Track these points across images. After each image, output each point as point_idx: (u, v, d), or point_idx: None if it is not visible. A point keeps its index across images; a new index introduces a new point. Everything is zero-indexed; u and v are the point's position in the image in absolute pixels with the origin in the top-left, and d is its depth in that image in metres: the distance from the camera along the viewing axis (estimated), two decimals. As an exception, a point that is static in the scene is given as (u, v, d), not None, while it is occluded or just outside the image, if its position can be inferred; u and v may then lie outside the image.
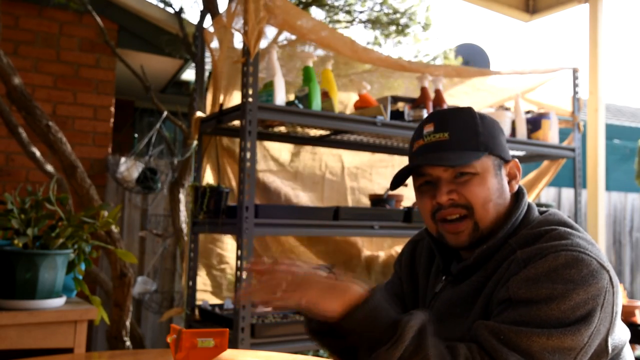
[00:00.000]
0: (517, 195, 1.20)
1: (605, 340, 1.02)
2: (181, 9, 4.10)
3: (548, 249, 1.03)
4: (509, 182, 1.19)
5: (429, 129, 1.17)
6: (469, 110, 1.20)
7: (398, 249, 3.28)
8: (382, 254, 3.24)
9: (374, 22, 5.13)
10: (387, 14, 5.17)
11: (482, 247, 1.13)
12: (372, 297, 0.99)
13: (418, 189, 1.20)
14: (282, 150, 3.03)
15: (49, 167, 2.83)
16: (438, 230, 1.17)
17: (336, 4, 5.09)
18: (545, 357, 0.94)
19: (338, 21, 5.19)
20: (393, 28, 5.19)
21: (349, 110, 2.99)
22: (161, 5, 4.36)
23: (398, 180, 1.20)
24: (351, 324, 0.98)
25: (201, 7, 3.68)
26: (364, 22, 5.15)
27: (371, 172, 3.27)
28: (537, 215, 1.18)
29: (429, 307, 1.21)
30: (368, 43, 5.42)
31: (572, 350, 0.95)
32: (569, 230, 1.08)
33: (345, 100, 3.04)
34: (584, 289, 0.97)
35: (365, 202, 3.18)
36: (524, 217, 1.16)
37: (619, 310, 1.04)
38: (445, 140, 1.14)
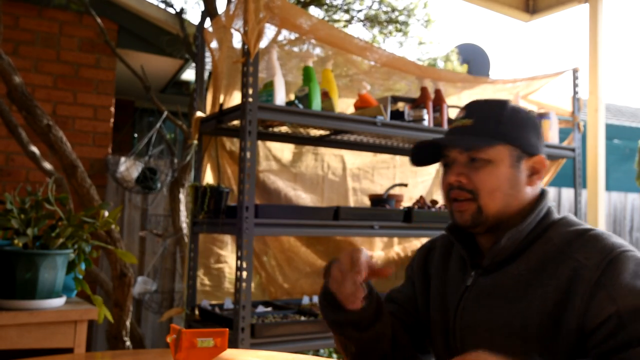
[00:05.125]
0: (541, 192, 1.23)
1: None
2: (182, 10, 4.10)
3: (611, 250, 1.06)
4: (530, 176, 1.21)
5: (460, 115, 1.24)
6: (502, 101, 1.24)
7: (397, 249, 3.28)
8: (382, 254, 3.24)
9: (372, 20, 5.13)
10: (385, 12, 5.17)
11: (511, 232, 1.15)
12: None
13: (443, 171, 1.26)
14: (284, 150, 3.02)
15: (49, 167, 2.83)
16: (450, 210, 1.23)
17: (335, 2, 5.09)
18: None
19: (337, 20, 5.19)
20: (392, 27, 5.19)
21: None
22: (162, 5, 4.37)
23: (421, 158, 1.27)
24: None
25: (202, 8, 3.68)
26: (362, 20, 5.15)
27: (373, 173, 3.27)
28: (557, 215, 1.21)
29: (461, 300, 1.22)
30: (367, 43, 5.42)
31: None
32: (603, 230, 1.14)
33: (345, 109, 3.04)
34: None
35: (367, 203, 3.18)
36: (549, 213, 1.19)
37: None
38: (468, 125, 1.20)
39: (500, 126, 1.18)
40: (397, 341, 1.29)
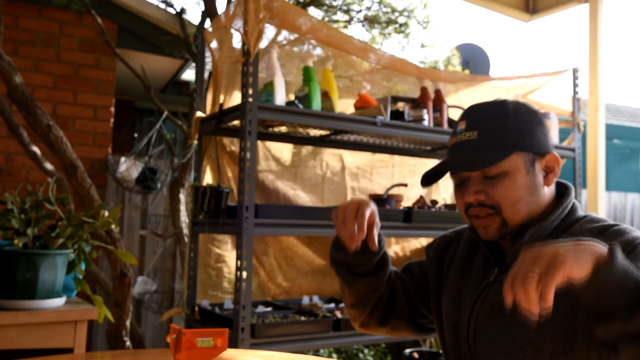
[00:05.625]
0: (564, 187, 1.22)
1: None
2: (182, 10, 4.10)
3: (633, 241, 1.05)
4: (546, 176, 1.19)
5: (461, 126, 1.19)
6: (501, 105, 1.19)
7: (396, 248, 3.28)
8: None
9: (372, 21, 5.13)
10: (385, 13, 5.17)
11: (534, 228, 1.14)
12: (618, 257, 0.90)
13: (455, 187, 1.24)
14: (283, 150, 3.03)
15: (49, 167, 2.83)
16: (473, 227, 1.21)
17: (334, 3, 5.09)
18: None
19: (336, 21, 5.19)
20: (391, 28, 5.19)
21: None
22: (162, 5, 4.37)
23: (430, 178, 1.23)
24: (601, 286, 0.89)
25: (202, 8, 3.68)
26: (361, 21, 5.15)
27: (372, 172, 3.27)
28: (582, 213, 1.20)
29: (480, 294, 1.22)
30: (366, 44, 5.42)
31: None
32: (628, 225, 1.13)
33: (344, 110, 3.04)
34: None
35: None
36: (573, 210, 1.19)
37: None
38: (474, 139, 1.16)
39: (508, 134, 1.15)
40: (393, 306, 1.35)
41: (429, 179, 1.23)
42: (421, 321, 1.41)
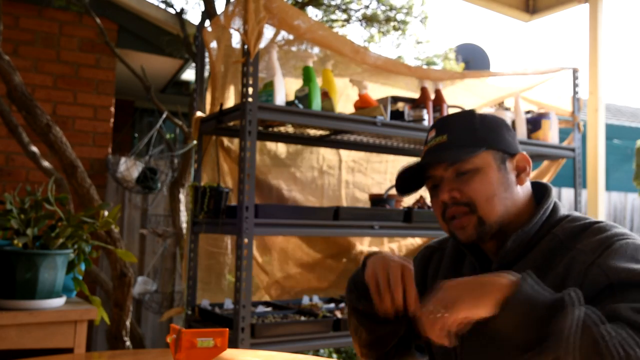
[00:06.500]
0: (544, 188, 1.22)
1: None
2: (182, 10, 4.10)
3: (610, 238, 1.06)
4: (518, 175, 1.20)
5: (431, 135, 1.22)
6: (468, 112, 1.24)
7: (393, 245, 3.28)
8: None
9: (370, 20, 5.13)
10: (384, 11, 5.17)
11: (517, 233, 1.14)
12: (523, 288, 0.94)
13: (430, 194, 1.23)
14: (278, 145, 3.02)
15: (49, 166, 2.83)
16: (450, 230, 1.20)
17: (333, 2, 5.09)
18: None
19: (335, 20, 5.19)
20: (390, 25, 5.19)
21: (346, 99, 2.99)
22: (162, 5, 4.37)
23: (405, 185, 1.24)
24: (506, 320, 0.94)
25: (202, 9, 3.69)
26: (360, 20, 5.15)
27: (367, 167, 3.28)
28: (565, 211, 1.20)
29: None
30: (365, 41, 5.42)
31: None
32: (610, 222, 1.13)
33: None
34: None
35: (359, 196, 3.19)
36: (555, 210, 1.18)
37: None
38: (444, 142, 1.18)
39: (477, 133, 1.18)
40: (403, 336, 1.29)
41: (405, 186, 1.24)
42: (420, 342, 1.36)
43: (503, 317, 0.94)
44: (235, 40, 2.57)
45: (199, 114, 2.67)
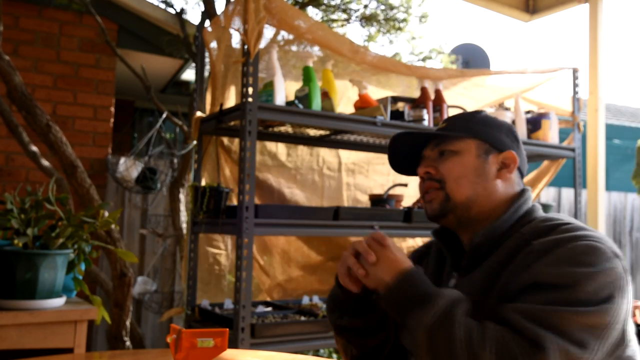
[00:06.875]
0: (522, 190, 1.25)
1: (623, 328, 1.04)
2: (182, 10, 4.10)
3: (565, 239, 1.07)
4: (500, 170, 1.23)
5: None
6: (476, 110, 1.32)
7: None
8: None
9: (370, 19, 5.13)
10: (383, 11, 5.18)
11: (486, 228, 1.18)
12: (415, 269, 1.10)
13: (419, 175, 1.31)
14: (278, 145, 3.02)
15: (49, 166, 2.83)
16: (424, 206, 1.28)
17: (332, 2, 5.09)
18: (574, 333, 0.96)
19: (334, 20, 5.19)
20: (390, 25, 5.19)
21: (346, 101, 2.99)
22: (162, 5, 4.37)
23: (399, 162, 1.34)
24: (393, 293, 1.09)
25: (202, 9, 3.69)
26: (360, 19, 5.16)
27: (368, 169, 3.27)
28: (544, 214, 1.22)
29: None
30: (364, 41, 5.42)
31: (598, 328, 0.98)
32: (581, 224, 1.14)
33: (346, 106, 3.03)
34: (603, 273, 1.02)
35: (361, 198, 3.18)
36: (530, 212, 1.20)
37: (631, 300, 1.07)
38: (441, 127, 1.28)
39: (470, 123, 1.25)
40: (396, 344, 1.29)
41: (400, 164, 1.34)
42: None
43: (388, 295, 1.09)
44: (235, 40, 2.57)
45: (199, 114, 2.67)
